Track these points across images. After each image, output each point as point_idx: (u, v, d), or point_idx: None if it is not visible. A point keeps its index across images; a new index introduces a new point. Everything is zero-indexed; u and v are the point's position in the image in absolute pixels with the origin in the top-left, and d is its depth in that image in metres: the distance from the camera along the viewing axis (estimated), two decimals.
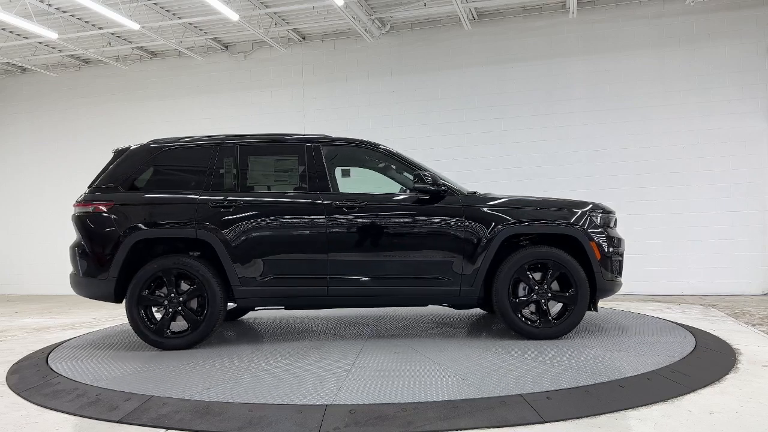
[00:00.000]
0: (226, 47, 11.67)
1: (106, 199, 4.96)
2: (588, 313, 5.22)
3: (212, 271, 4.83)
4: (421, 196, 4.98)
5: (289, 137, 5.32)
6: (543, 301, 4.93)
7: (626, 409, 3.18)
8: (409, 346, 4.75)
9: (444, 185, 4.98)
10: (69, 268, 5.16)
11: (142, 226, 4.87)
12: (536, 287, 4.92)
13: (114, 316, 7.66)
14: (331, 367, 4.07)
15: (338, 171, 5.61)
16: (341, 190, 5.17)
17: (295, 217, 4.92)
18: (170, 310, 4.86)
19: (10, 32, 10.52)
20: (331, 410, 3.16)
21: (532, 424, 2.99)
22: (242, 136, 5.28)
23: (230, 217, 4.87)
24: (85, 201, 5.01)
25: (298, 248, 4.92)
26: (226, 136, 5.27)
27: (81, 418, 3.31)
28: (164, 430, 3.06)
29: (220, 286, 4.82)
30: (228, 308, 5.35)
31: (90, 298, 5.09)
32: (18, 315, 8.63)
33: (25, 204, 12.75)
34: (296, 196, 5.03)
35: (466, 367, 3.98)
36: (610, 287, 5.02)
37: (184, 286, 4.88)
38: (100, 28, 10.40)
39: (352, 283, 4.91)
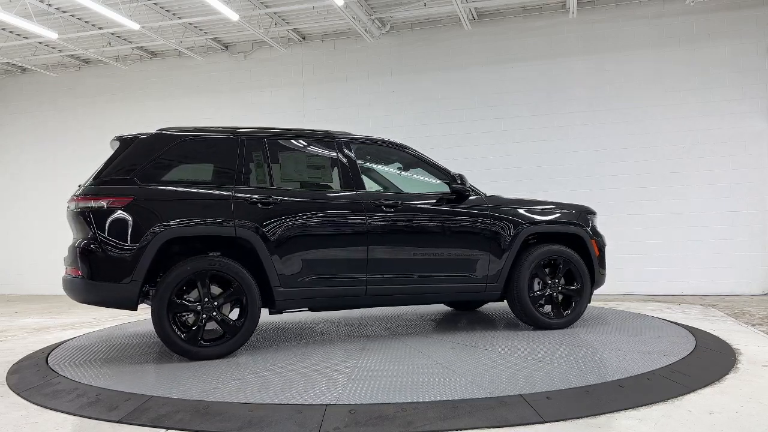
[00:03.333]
0: (226, 47, 11.67)
1: (125, 193, 4.32)
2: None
3: (250, 273, 4.48)
4: (450, 197, 5.16)
5: (321, 132, 5.14)
6: (555, 294, 5.36)
7: (626, 409, 3.17)
8: (405, 343, 4.76)
9: (471, 186, 5.25)
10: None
11: (174, 224, 4.32)
12: (549, 282, 5.34)
13: (114, 315, 7.66)
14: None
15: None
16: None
17: (337, 215, 4.76)
18: (204, 315, 4.36)
19: (10, 32, 10.52)
20: (331, 410, 3.15)
21: (532, 424, 2.98)
22: (271, 130, 4.99)
23: (271, 214, 4.55)
24: (94, 194, 4.32)
25: (340, 247, 4.76)
26: (254, 129, 4.93)
27: (81, 418, 3.30)
28: (164, 430, 3.06)
29: (258, 288, 4.49)
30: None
31: (101, 305, 4.49)
32: (18, 315, 8.63)
33: (25, 204, 12.74)
34: (338, 193, 4.87)
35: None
36: (601, 280, 5.61)
37: (216, 290, 4.45)
38: (100, 28, 10.40)
39: (390, 282, 4.89)
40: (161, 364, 4.35)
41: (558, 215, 5.50)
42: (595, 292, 5.70)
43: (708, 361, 4.23)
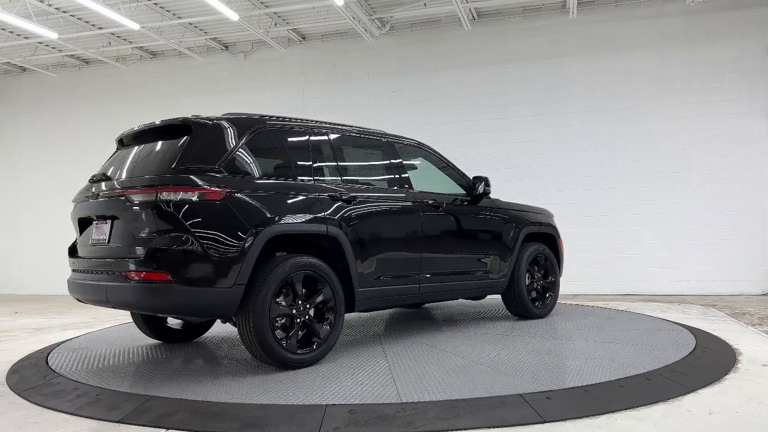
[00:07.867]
0: (226, 47, 11.67)
1: (220, 184, 3.82)
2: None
3: (336, 273, 4.26)
4: (466, 197, 5.51)
5: (376, 131, 5.19)
6: (539, 287, 5.99)
7: (626, 409, 3.17)
8: (404, 344, 4.75)
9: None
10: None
11: (276, 221, 3.94)
12: (536, 276, 5.96)
13: (113, 315, 7.65)
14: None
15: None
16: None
17: (402, 214, 4.83)
18: (299, 320, 4.01)
19: (10, 32, 10.52)
20: (331, 410, 3.15)
21: (532, 424, 2.98)
22: (332, 125, 4.82)
23: (350, 211, 4.40)
24: (184, 185, 3.70)
25: (403, 245, 4.83)
26: (319, 122, 4.72)
27: (81, 418, 3.30)
28: (164, 430, 3.06)
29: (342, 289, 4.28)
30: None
31: (193, 314, 4.12)
32: (18, 315, 8.62)
33: (25, 204, 12.75)
34: (403, 193, 4.93)
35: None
36: (561, 273, 6.37)
37: (306, 292, 4.11)
38: (100, 28, 10.40)
39: (437, 280, 5.09)
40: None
41: (540, 217, 6.17)
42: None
43: (708, 361, 4.24)
